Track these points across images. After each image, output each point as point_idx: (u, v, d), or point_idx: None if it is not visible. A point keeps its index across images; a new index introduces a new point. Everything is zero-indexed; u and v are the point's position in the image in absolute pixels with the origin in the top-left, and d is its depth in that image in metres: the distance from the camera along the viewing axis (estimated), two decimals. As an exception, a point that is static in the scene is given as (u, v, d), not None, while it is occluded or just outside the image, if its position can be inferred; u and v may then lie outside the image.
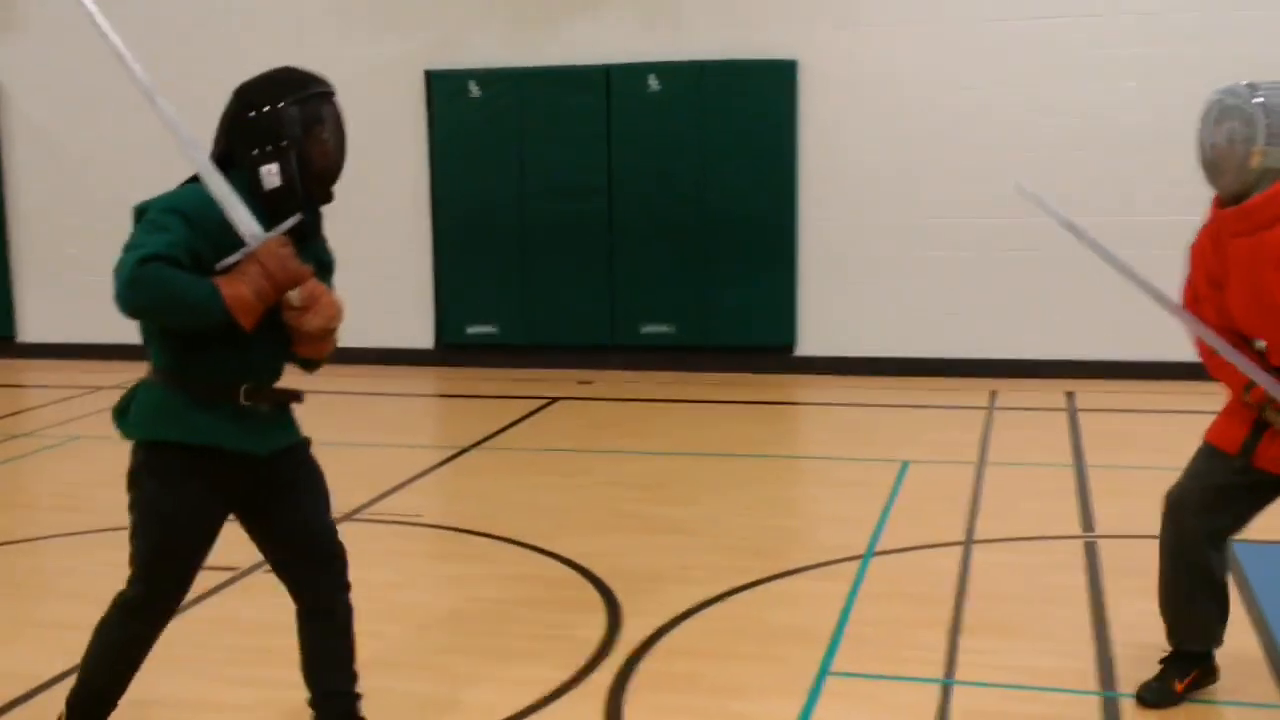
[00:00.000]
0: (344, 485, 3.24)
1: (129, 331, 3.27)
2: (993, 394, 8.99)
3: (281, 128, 3.14)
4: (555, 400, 9.17)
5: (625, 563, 5.36)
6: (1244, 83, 3.45)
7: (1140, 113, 9.22)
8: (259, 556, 3.47)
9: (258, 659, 4.37)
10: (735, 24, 9.89)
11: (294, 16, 10.53)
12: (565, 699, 4.04)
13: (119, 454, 3.27)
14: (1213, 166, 3.48)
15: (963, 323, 9.70)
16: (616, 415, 8.80)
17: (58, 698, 3.86)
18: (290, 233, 3.11)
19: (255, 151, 3.14)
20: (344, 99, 3.31)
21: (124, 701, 3.40)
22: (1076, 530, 5.73)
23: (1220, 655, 3.99)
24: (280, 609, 3.54)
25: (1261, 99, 3.37)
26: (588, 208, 10.18)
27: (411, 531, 6.01)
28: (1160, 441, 7.63)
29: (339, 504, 3.65)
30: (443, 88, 10.37)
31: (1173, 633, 3.89)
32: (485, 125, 10.28)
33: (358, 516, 6.07)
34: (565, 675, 4.20)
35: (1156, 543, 3.85)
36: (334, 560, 3.43)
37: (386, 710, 3.90)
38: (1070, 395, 8.88)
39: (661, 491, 6.67)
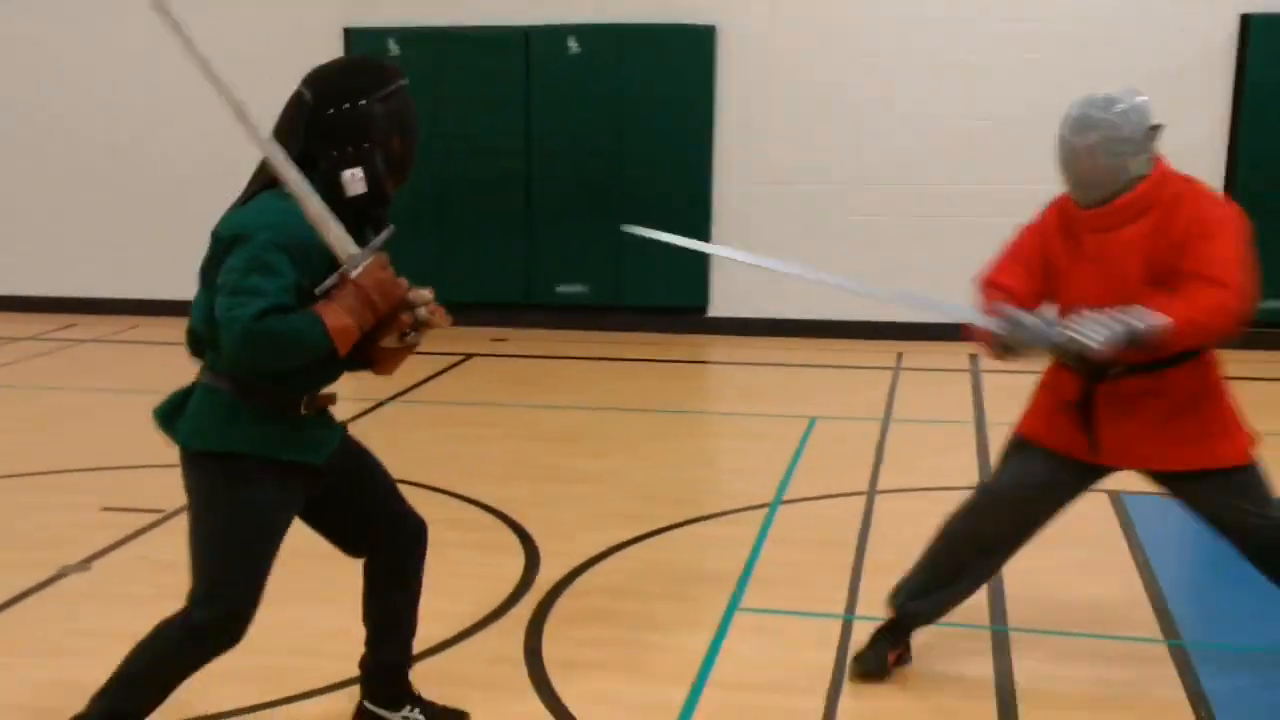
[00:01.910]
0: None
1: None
2: (899, 355, 9.28)
3: (367, 128, 2.93)
4: (470, 357, 9.29)
5: (542, 510, 5.52)
6: (1101, 94, 3.51)
7: (1043, 87, 9.52)
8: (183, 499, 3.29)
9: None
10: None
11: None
12: (486, 631, 4.22)
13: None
14: (1079, 177, 3.52)
15: (869, 286, 9.93)
16: (532, 372, 8.94)
17: None
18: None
19: (336, 153, 2.93)
20: (262, 59, 3.17)
21: (56, 631, 3.45)
22: (974, 481, 6.00)
23: (1109, 596, 4.28)
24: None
25: (1122, 108, 3.45)
26: (506, 168, 10.27)
27: (331, 479, 6.11)
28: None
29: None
30: (361, 45, 10.37)
31: (905, 596, 3.95)
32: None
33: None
34: (485, 610, 4.37)
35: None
36: (416, 525, 3.36)
37: (311, 639, 4.04)
38: (974, 357, 9.19)
39: (576, 444, 6.84)
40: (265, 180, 2.94)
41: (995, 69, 9.62)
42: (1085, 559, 4.89)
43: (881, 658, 3.88)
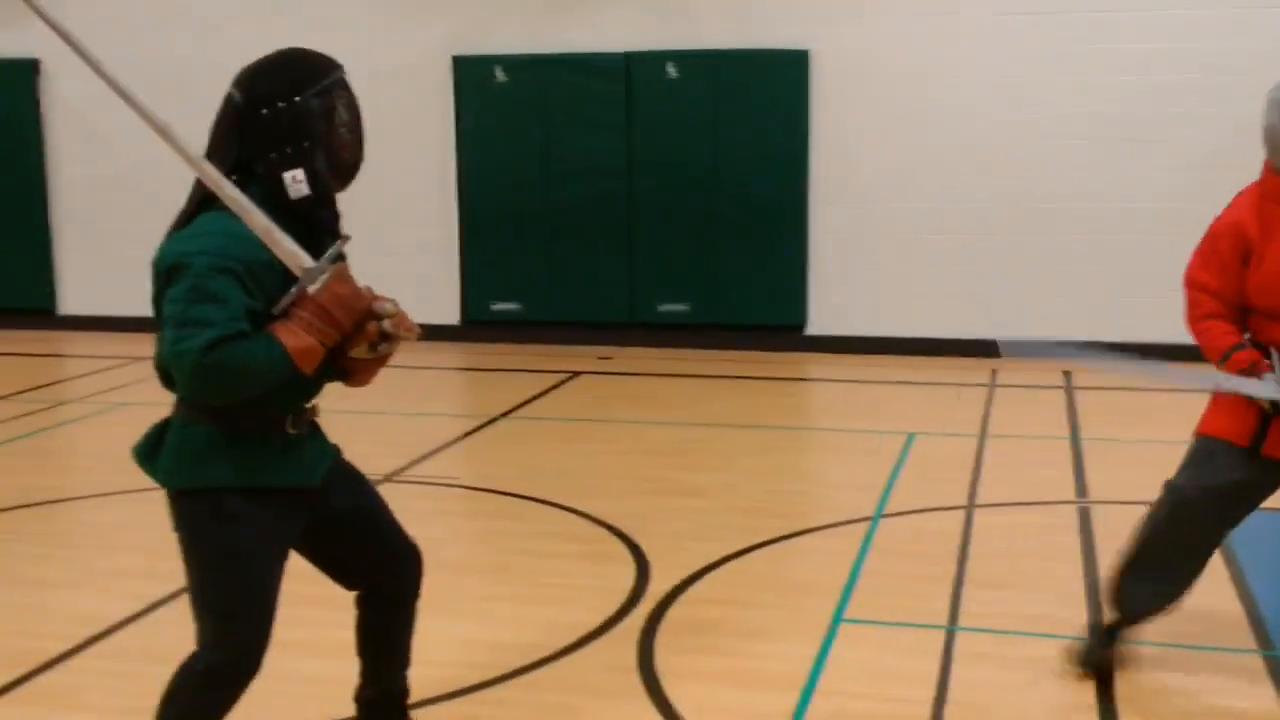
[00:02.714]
0: (379, 451, 3.22)
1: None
2: (993, 372, 9.36)
3: (304, 125, 2.74)
4: (577, 374, 9.54)
5: (650, 523, 5.72)
6: None
7: (1142, 104, 9.57)
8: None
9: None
10: (750, 15, 10.24)
11: (324, 4, 10.87)
12: (600, 640, 4.40)
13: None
14: (1273, 144, 3.71)
15: (965, 305, 10.07)
16: (636, 389, 9.17)
17: (130, 637, 4.24)
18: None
19: (274, 155, 2.74)
20: (375, 85, 3.04)
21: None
22: (1071, 496, 6.11)
23: (1204, 608, 4.37)
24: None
25: None
26: (608, 190, 10.54)
27: (447, 493, 6.39)
28: (1149, 416, 8.03)
29: (376, 468, 3.72)
30: (469, 73, 10.72)
31: (1119, 606, 4.01)
32: (510, 110, 10.64)
33: (395, 479, 6.40)
34: (599, 620, 4.56)
35: (1144, 508, 4.03)
36: (414, 554, 3.23)
37: (433, 649, 4.26)
38: (1067, 374, 9.26)
39: (681, 459, 7.05)
40: (202, 198, 2.75)
41: (1093, 86, 9.66)
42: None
43: (1102, 655, 4.02)
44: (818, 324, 10.45)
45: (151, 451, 2.85)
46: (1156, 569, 3.94)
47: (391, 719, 3.36)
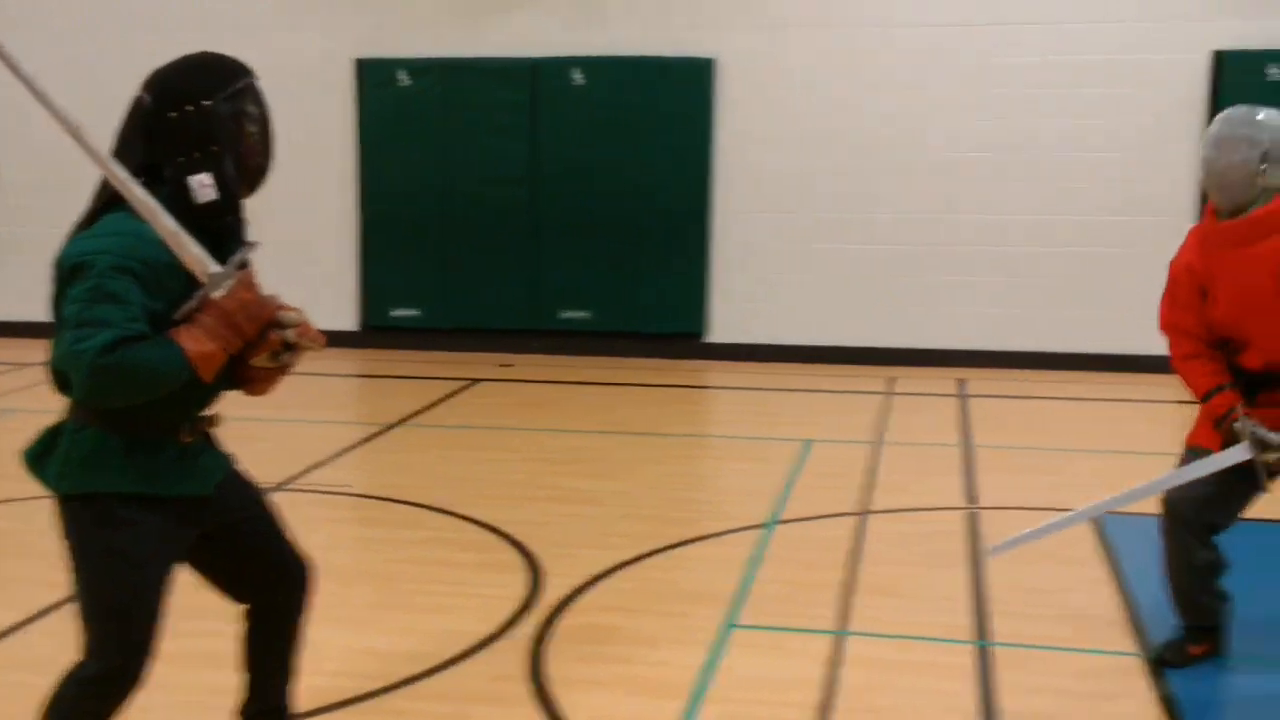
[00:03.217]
0: (274, 458, 3.16)
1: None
2: (890, 380, 9.48)
3: (212, 129, 2.73)
4: (477, 381, 9.50)
5: (545, 531, 5.71)
6: (1244, 108, 3.87)
7: (1037, 116, 9.77)
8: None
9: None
10: (657, 23, 10.28)
11: (225, 3, 10.71)
12: (491, 649, 4.38)
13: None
14: (1219, 185, 3.86)
15: (864, 314, 10.20)
16: (536, 396, 9.15)
17: (14, 645, 4.13)
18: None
19: (181, 159, 2.73)
20: (275, 85, 3.07)
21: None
22: (962, 502, 6.21)
23: (1083, 611, 4.48)
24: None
25: (1262, 120, 3.81)
26: (511, 196, 10.51)
27: (339, 501, 6.31)
28: (1040, 424, 8.22)
29: (269, 475, 3.71)
30: (373, 76, 10.62)
31: (1183, 615, 4.22)
32: (414, 114, 10.56)
33: (287, 487, 6.31)
34: (490, 628, 4.54)
35: (1041, 514, 4.23)
36: (305, 568, 3.19)
37: (321, 659, 4.22)
38: (962, 382, 9.41)
39: (578, 466, 7.04)
40: (108, 198, 2.73)
41: (990, 99, 9.84)
42: (1068, 575, 5.08)
43: (1182, 650, 4.18)
44: (718, 332, 10.51)
45: (42, 456, 2.81)
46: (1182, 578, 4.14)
47: None
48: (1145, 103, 9.61)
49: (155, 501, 2.80)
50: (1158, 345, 4.29)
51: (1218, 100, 9.42)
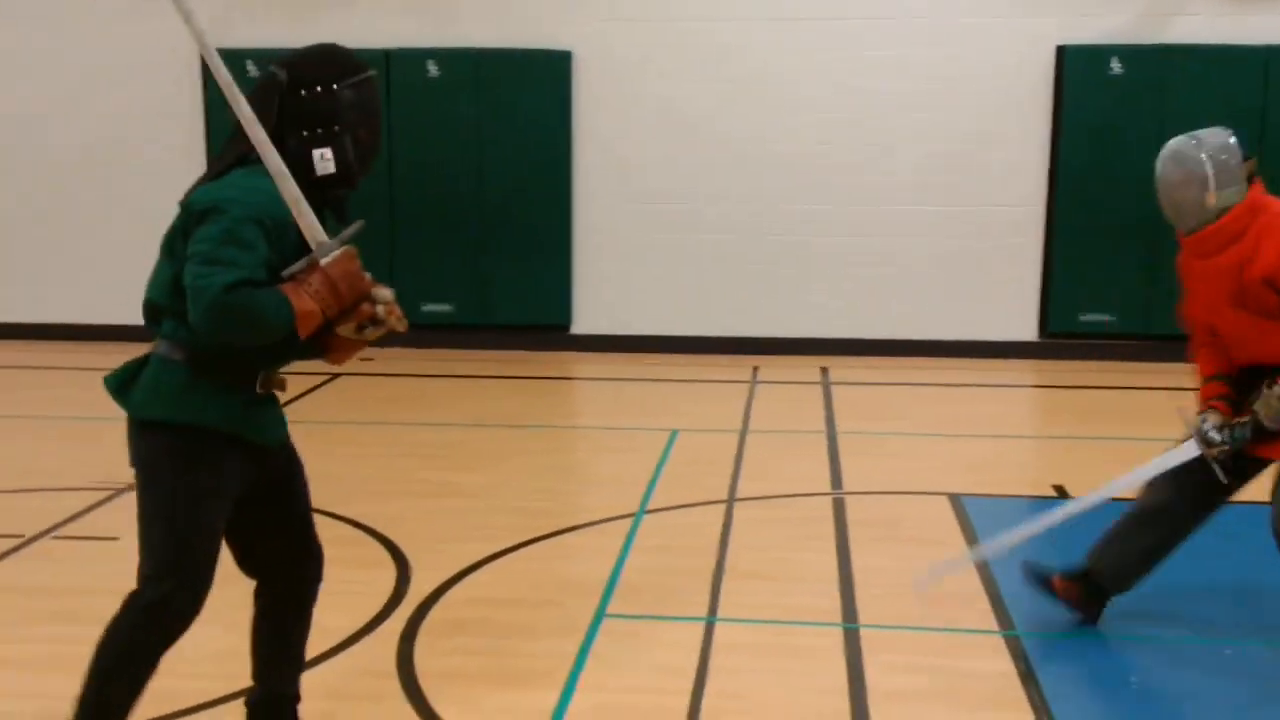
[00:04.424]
0: (124, 456, 3.15)
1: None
2: (754, 369, 9.59)
3: (337, 111, 3.02)
4: (336, 376, 9.32)
5: (412, 525, 5.64)
6: (1183, 138, 4.04)
7: (898, 112, 9.97)
8: (45, 524, 3.33)
9: (51, 619, 4.50)
10: (512, 14, 10.22)
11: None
12: (360, 645, 4.33)
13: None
14: (1175, 211, 4.06)
15: (727, 304, 10.29)
16: (398, 390, 9.03)
17: None
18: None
19: (306, 133, 3.01)
20: (119, 79, 3.18)
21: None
22: (827, 488, 6.30)
23: (945, 591, 4.60)
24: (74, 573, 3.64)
25: (1207, 149, 3.97)
26: (366, 190, 10.12)
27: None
28: (903, 410, 8.39)
29: (120, 475, 3.67)
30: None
31: None
32: (263, 106, 10.30)
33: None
34: (358, 624, 4.48)
35: (895, 497, 4.30)
36: (320, 553, 3.38)
37: (184, 660, 4.09)
38: (825, 370, 9.56)
39: (445, 460, 6.97)
40: (236, 156, 2.99)
41: (845, 92, 10.01)
42: (930, 555, 5.19)
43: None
44: (583, 323, 10.50)
45: (126, 384, 3.00)
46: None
47: None
48: (990, 97, 9.88)
49: (235, 441, 3.00)
50: (1007, 332, 4.45)
51: (1061, 94, 9.76)
